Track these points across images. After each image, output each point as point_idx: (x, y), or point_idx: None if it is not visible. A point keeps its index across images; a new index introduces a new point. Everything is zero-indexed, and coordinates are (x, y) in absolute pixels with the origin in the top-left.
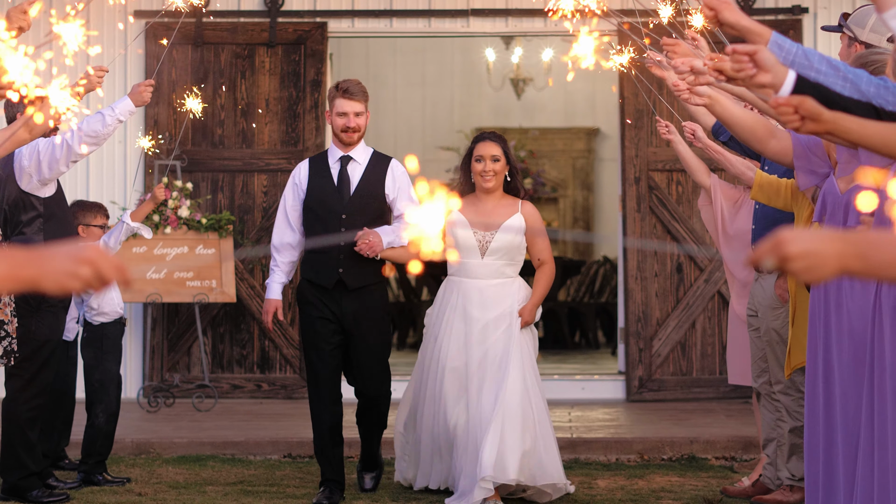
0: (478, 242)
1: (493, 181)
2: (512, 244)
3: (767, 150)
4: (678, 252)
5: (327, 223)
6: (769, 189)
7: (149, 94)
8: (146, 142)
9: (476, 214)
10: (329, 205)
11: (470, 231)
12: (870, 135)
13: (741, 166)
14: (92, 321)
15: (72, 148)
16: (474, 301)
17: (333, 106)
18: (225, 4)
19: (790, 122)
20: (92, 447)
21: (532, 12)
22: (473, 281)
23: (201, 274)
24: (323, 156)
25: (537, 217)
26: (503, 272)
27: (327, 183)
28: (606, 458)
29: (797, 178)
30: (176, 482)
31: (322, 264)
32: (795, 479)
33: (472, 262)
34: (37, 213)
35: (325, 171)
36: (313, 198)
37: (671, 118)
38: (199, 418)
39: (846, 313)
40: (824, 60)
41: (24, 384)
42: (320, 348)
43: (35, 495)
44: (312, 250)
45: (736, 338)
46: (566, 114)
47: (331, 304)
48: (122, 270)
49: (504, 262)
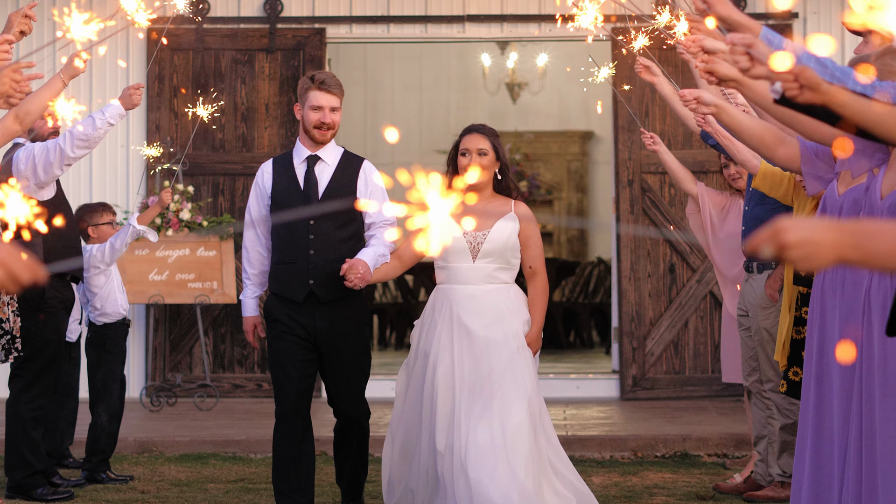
0: (468, 244)
1: (478, 177)
2: (507, 244)
3: (776, 157)
4: (671, 252)
5: (294, 229)
6: (772, 179)
7: (138, 97)
8: (153, 150)
9: (466, 213)
10: (295, 210)
11: (458, 231)
12: (864, 111)
13: (747, 153)
14: (96, 322)
15: (64, 152)
16: (467, 309)
17: (306, 99)
18: (225, 10)
19: (789, 89)
20: (96, 446)
21: (527, 18)
22: (464, 287)
23: (202, 275)
24: (287, 156)
25: (532, 218)
26: (497, 277)
27: (292, 185)
28: (601, 456)
29: (805, 183)
30: (178, 480)
31: (291, 276)
32: (786, 476)
33: (463, 267)
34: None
35: (289, 172)
36: (278, 202)
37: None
38: (200, 417)
39: (838, 314)
40: (812, 58)
41: (27, 384)
42: (288, 371)
43: (39, 493)
44: (280, 261)
45: (729, 337)
46: (560, 117)
47: (302, 319)
48: (34, 270)
49: (498, 265)
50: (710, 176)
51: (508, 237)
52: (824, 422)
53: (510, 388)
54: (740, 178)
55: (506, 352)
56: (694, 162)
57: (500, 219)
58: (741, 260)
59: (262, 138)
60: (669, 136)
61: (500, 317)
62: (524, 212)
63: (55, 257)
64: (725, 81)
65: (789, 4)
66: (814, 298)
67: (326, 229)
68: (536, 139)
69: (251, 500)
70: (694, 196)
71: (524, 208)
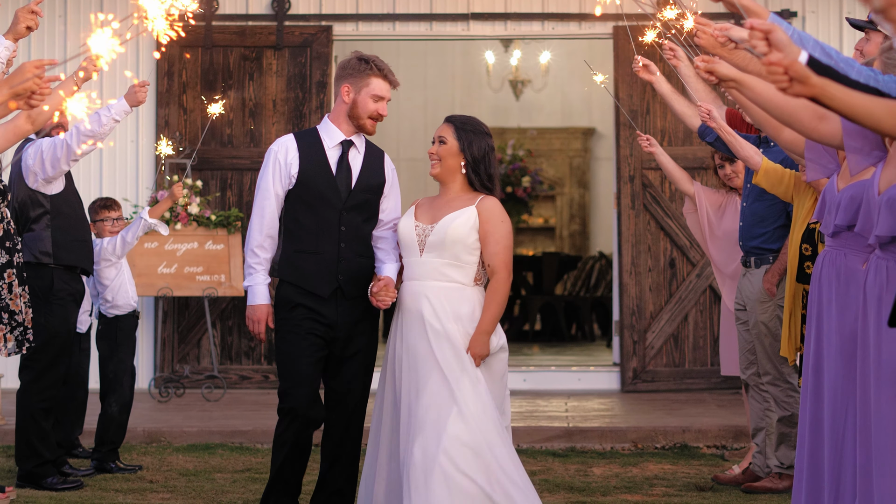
0: (417, 236)
1: (436, 167)
2: (455, 238)
3: (781, 138)
4: (671, 247)
5: (323, 218)
6: (773, 176)
7: (144, 94)
8: (168, 149)
9: (428, 208)
10: (327, 198)
11: (412, 222)
12: (854, 104)
13: (750, 150)
14: (106, 314)
15: (71, 147)
16: (410, 308)
17: (365, 85)
18: (234, 8)
19: (779, 81)
20: (105, 436)
21: (530, 16)
22: (411, 283)
23: (210, 268)
24: (313, 135)
25: (496, 213)
26: (446, 274)
27: (324, 170)
28: (602, 447)
29: (806, 168)
30: (186, 469)
31: (317, 268)
32: (784, 467)
33: (411, 261)
34: (44, 210)
35: (319, 153)
36: (307, 187)
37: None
38: (208, 408)
39: (835, 307)
40: (818, 46)
41: (37, 375)
42: (302, 368)
43: (50, 482)
44: (302, 251)
45: (728, 331)
46: (563, 114)
47: (325, 312)
48: None
49: (446, 261)
50: (709, 172)
51: (457, 230)
52: (821, 412)
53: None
54: (736, 177)
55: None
56: (693, 158)
57: (456, 212)
58: (738, 256)
59: (270, 134)
60: (670, 133)
61: (441, 321)
62: (488, 206)
63: (64, 250)
64: (725, 81)
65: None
66: (812, 291)
67: (356, 221)
68: (539, 135)
69: (258, 489)
70: (691, 195)
71: (490, 203)
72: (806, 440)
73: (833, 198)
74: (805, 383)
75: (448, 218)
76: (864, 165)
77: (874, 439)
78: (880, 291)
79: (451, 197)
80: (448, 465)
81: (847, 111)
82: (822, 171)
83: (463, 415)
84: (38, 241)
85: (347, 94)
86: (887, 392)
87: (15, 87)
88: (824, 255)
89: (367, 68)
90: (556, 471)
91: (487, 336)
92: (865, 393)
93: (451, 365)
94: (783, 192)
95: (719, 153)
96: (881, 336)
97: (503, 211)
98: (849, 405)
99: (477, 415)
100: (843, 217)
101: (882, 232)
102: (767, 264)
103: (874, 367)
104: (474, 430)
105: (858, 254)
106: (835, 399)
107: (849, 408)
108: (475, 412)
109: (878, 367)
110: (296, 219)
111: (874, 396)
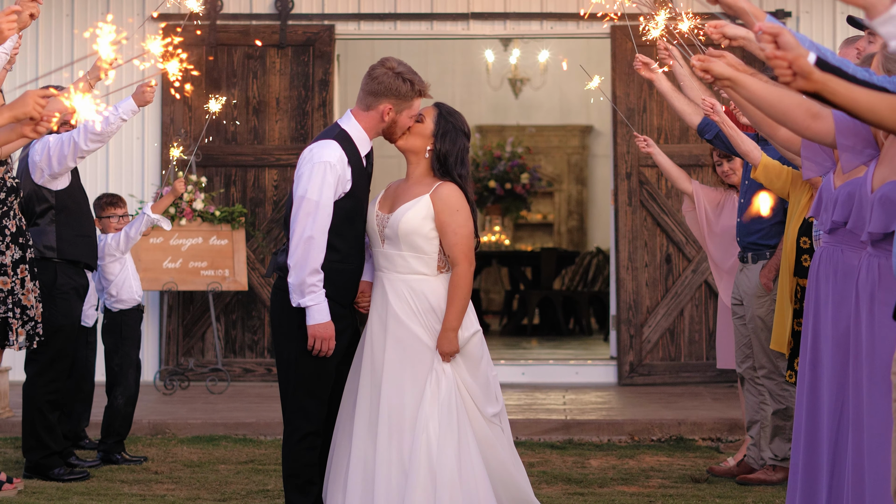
0: (378, 226)
1: (403, 139)
2: (409, 230)
3: (777, 137)
4: (667, 243)
5: (359, 230)
6: (772, 172)
7: (151, 94)
8: (177, 151)
9: (392, 193)
10: (364, 212)
11: (374, 211)
12: (856, 99)
13: (750, 145)
14: (111, 308)
15: (78, 145)
16: (375, 301)
17: (409, 107)
18: (237, 8)
19: (783, 76)
20: (111, 428)
21: (529, 16)
22: (377, 273)
23: (215, 263)
24: (345, 139)
25: (451, 202)
26: (408, 265)
27: (365, 180)
28: (599, 439)
29: (802, 166)
30: (190, 461)
31: (349, 281)
32: (778, 460)
33: (375, 251)
34: (49, 205)
35: (359, 163)
36: (355, 199)
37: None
38: (212, 400)
39: (832, 303)
40: (814, 47)
41: (42, 369)
42: (325, 391)
43: (57, 473)
44: (340, 262)
45: (724, 325)
46: (561, 112)
47: (351, 322)
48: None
49: (404, 252)
50: (705, 170)
51: (409, 223)
52: (818, 408)
53: (404, 414)
54: (734, 174)
55: (399, 367)
56: (690, 156)
57: (410, 201)
58: (736, 252)
59: (273, 131)
60: (666, 131)
61: (405, 315)
62: (443, 195)
63: (68, 245)
64: (720, 80)
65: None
66: (809, 287)
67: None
68: (538, 133)
69: (261, 480)
70: (689, 194)
71: (446, 191)
72: (802, 434)
73: (829, 195)
74: (801, 378)
75: (401, 209)
76: (855, 164)
77: (866, 434)
78: (872, 288)
79: (412, 182)
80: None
81: (849, 106)
82: (819, 170)
83: (428, 413)
84: (42, 236)
85: (388, 114)
86: (880, 387)
87: (16, 112)
88: (821, 251)
89: (413, 93)
90: (554, 463)
91: (454, 332)
92: (858, 388)
93: (416, 364)
94: (780, 187)
95: (717, 150)
96: (874, 332)
97: (460, 198)
98: (845, 400)
99: (443, 413)
100: (840, 213)
101: (874, 229)
102: (764, 260)
103: (867, 362)
104: (444, 432)
105: (855, 250)
106: (832, 394)
107: (845, 402)
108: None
109: (870, 362)
110: (336, 231)
111: (867, 391)
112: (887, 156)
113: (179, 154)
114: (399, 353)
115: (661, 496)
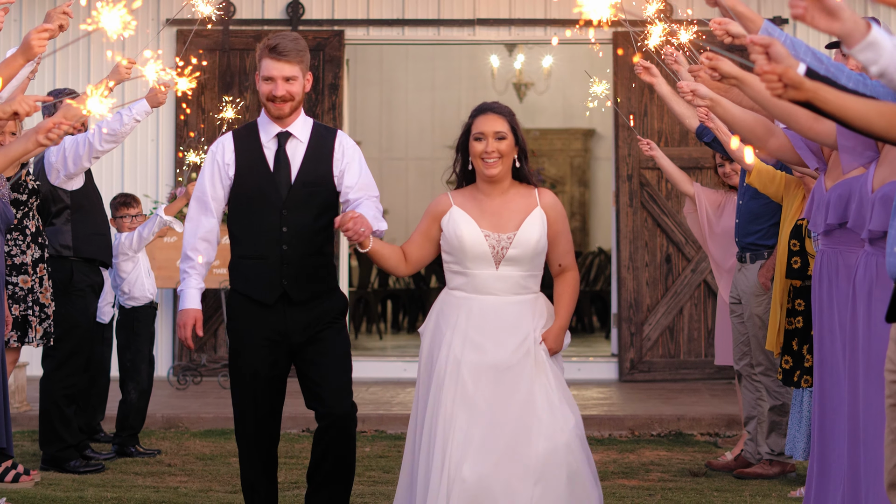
0: (491, 248)
1: (498, 166)
2: (536, 249)
3: (768, 147)
4: (667, 243)
5: (263, 220)
6: (765, 176)
7: (164, 96)
8: (195, 157)
9: (482, 211)
10: (266, 196)
11: (479, 232)
12: (847, 107)
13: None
14: (124, 305)
15: (93, 146)
16: (487, 329)
17: (260, 68)
18: (250, 13)
19: (773, 88)
20: (125, 421)
21: (533, 22)
22: (486, 298)
23: (227, 262)
24: (251, 129)
25: (560, 209)
26: (525, 286)
27: (261, 167)
28: (600, 434)
29: (840, 158)
30: (203, 454)
31: (260, 275)
32: (774, 454)
33: (485, 274)
34: (64, 205)
35: (255, 149)
36: (245, 187)
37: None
38: (224, 395)
39: (835, 302)
40: (809, 52)
41: (59, 364)
42: (255, 383)
43: (73, 465)
44: (246, 256)
45: (723, 323)
46: (564, 116)
47: (274, 322)
48: None
49: (525, 272)
50: (704, 172)
51: (538, 240)
52: (826, 408)
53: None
54: (735, 176)
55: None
56: (689, 159)
57: (527, 217)
58: (735, 251)
59: None
60: (667, 134)
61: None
62: (551, 202)
63: (83, 243)
64: (727, 78)
65: None
66: (813, 290)
67: (301, 220)
68: (542, 136)
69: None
70: (691, 196)
71: (550, 198)
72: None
73: (822, 197)
74: (815, 378)
75: (527, 226)
76: (855, 165)
77: (863, 432)
78: (870, 286)
79: (505, 196)
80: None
81: (839, 114)
82: (860, 159)
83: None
84: (58, 235)
85: (257, 82)
86: (876, 385)
87: (3, 107)
88: (822, 254)
89: (261, 52)
90: None
91: (564, 332)
92: (854, 385)
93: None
94: (774, 191)
95: (719, 153)
96: (871, 330)
97: (560, 202)
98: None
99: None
100: (834, 215)
101: (875, 227)
102: (762, 260)
103: (863, 360)
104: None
105: (852, 249)
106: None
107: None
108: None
109: (867, 360)
110: (237, 223)
111: (863, 389)
112: (887, 157)
113: (193, 159)
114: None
115: (661, 489)
